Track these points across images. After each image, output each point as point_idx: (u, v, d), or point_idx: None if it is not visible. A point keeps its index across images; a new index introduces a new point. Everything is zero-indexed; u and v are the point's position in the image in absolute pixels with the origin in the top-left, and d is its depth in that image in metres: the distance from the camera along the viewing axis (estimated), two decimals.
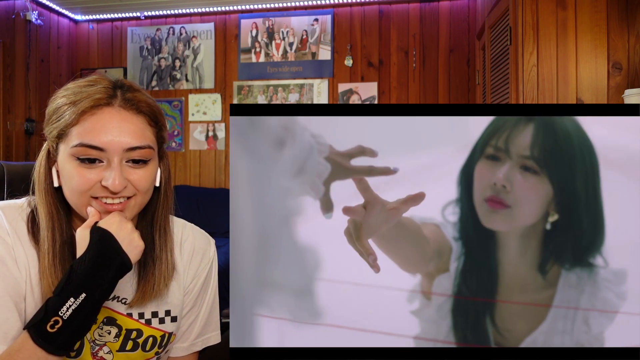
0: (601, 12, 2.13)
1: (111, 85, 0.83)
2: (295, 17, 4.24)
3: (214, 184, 4.38)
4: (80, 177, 0.80)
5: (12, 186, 1.11)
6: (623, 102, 1.98)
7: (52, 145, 0.84)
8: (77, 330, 0.76)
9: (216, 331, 1.05)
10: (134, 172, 0.82)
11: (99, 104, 0.80)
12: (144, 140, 0.82)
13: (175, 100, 4.42)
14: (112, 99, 0.81)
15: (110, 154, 0.80)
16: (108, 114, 0.80)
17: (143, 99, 0.84)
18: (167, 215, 0.94)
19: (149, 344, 0.93)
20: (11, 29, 3.90)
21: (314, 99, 4.19)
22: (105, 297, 0.79)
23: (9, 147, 3.87)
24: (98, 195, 0.81)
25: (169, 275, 0.92)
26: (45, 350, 0.73)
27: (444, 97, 4.00)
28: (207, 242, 1.03)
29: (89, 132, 0.79)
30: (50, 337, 0.74)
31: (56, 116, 0.81)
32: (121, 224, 0.81)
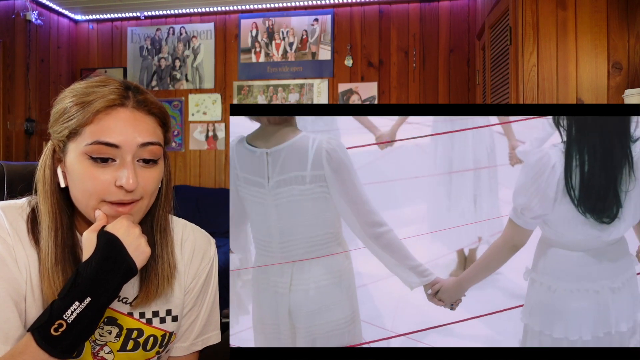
0: (601, 12, 2.13)
1: (122, 87, 0.84)
2: (295, 17, 4.24)
3: (214, 184, 4.38)
4: (93, 180, 0.80)
5: (12, 186, 1.11)
6: (623, 102, 1.98)
7: (58, 145, 0.83)
8: (81, 334, 0.76)
9: (216, 331, 1.05)
10: (145, 173, 0.84)
11: (113, 104, 0.81)
12: (155, 137, 0.85)
13: (175, 100, 4.42)
14: (126, 99, 0.83)
15: (124, 152, 0.81)
16: (123, 113, 0.82)
17: (153, 101, 0.87)
18: (167, 215, 0.94)
19: (150, 344, 0.93)
20: (11, 29, 3.90)
21: (314, 99, 4.19)
22: (110, 301, 0.79)
23: (8, 147, 3.87)
24: (112, 199, 0.81)
25: (171, 275, 0.92)
26: (48, 353, 0.74)
27: (444, 97, 4.00)
28: (207, 241, 1.04)
29: (104, 130, 0.80)
30: (54, 340, 0.74)
31: (67, 116, 0.81)
32: (129, 228, 0.81)
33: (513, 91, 2.27)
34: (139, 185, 0.82)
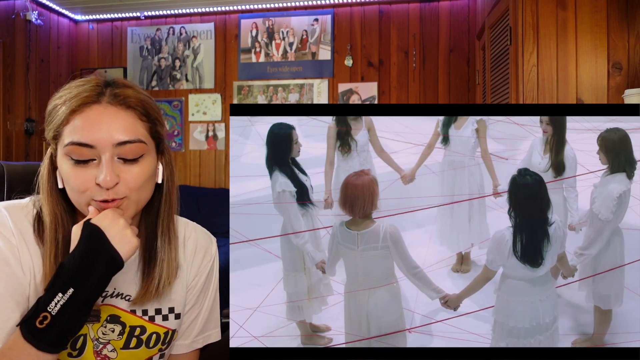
0: (601, 12, 2.13)
1: (101, 84, 0.83)
2: (295, 17, 4.24)
3: (214, 184, 4.38)
4: (75, 178, 0.80)
5: (12, 186, 1.11)
6: (623, 102, 1.98)
7: (53, 147, 0.85)
8: (67, 326, 0.75)
9: (217, 328, 1.06)
10: (126, 170, 0.82)
11: (86, 102, 0.80)
12: (134, 134, 0.82)
13: (175, 100, 4.42)
14: (100, 96, 0.82)
15: (100, 150, 0.80)
16: (96, 110, 0.80)
17: (132, 94, 0.84)
18: (171, 213, 0.93)
19: (153, 341, 0.93)
20: (11, 29, 3.90)
21: (314, 99, 4.19)
22: (96, 293, 0.78)
23: (8, 147, 3.87)
24: (95, 198, 0.81)
25: (173, 274, 0.92)
26: (35, 346, 0.73)
27: (444, 97, 4.00)
28: (209, 240, 1.04)
29: (78, 130, 0.79)
30: (39, 333, 0.73)
31: (50, 118, 0.82)
32: (113, 220, 0.80)
33: (513, 91, 2.28)
34: (121, 182, 0.81)
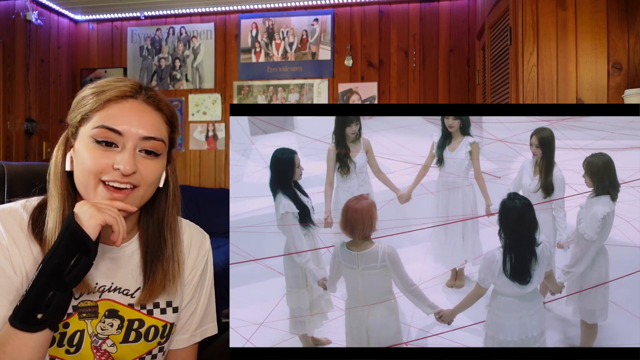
0: (601, 12, 2.13)
1: (137, 84, 0.91)
2: (295, 17, 4.24)
3: (214, 184, 4.38)
4: (93, 159, 0.84)
5: (12, 186, 1.11)
6: (623, 102, 1.98)
7: (71, 131, 0.89)
8: (38, 299, 0.76)
9: (213, 322, 1.09)
10: (145, 162, 0.88)
11: (124, 95, 0.88)
12: (159, 133, 0.90)
13: (175, 100, 4.42)
14: (137, 94, 0.90)
15: (126, 140, 0.86)
16: (132, 104, 0.88)
17: (163, 99, 0.94)
18: (176, 216, 0.99)
19: (151, 334, 0.96)
20: (11, 29, 3.90)
21: (314, 99, 4.19)
22: (64, 263, 0.78)
23: (8, 147, 3.87)
24: (108, 179, 0.84)
25: (178, 274, 0.96)
26: (11, 324, 0.75)
27: (444, 97, 4.00)
28: (202, 235, 1.09)
29: (111, 117, 0.86)
30: (14, 310, 0.77)
31: (82, 103, 0.88)
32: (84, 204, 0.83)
33: (513, 91, 2.28)
34: (138, 172, 0.86)
